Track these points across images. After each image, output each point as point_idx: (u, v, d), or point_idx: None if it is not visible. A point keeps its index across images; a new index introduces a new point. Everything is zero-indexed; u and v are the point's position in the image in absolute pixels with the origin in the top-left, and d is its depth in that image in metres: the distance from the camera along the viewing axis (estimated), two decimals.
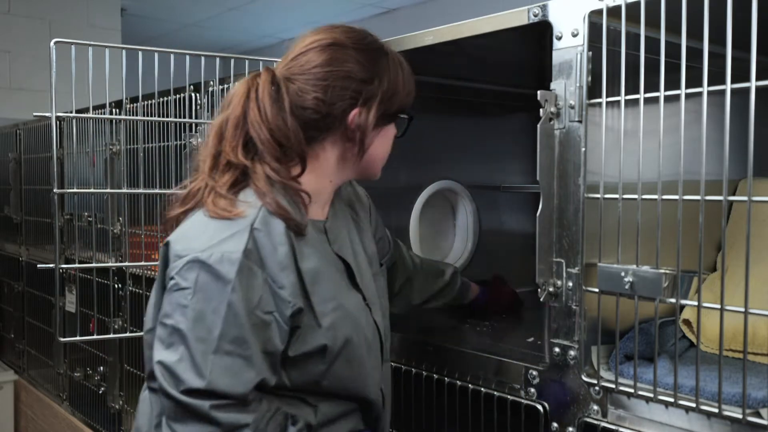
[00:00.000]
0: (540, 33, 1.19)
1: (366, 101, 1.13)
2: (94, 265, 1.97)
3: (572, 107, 1.14)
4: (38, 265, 1.61)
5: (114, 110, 2.30)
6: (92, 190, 2.11)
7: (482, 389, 1.33)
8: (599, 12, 1.09)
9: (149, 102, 2.09)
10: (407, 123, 1.23)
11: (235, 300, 0.99)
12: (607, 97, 1.09)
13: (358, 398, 1.17)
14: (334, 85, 1.11)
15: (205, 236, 1.03)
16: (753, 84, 0.91)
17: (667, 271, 1.02)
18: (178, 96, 1.97)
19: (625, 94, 1.06)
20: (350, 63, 1.12)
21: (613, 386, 1.10)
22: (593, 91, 1.11)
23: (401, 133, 1.24)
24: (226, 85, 1.94)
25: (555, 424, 1.19)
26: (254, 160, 1.09)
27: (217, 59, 1.68)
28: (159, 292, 1.08)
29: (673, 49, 1.00)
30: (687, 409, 1.01)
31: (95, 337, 2.33)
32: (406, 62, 1.20)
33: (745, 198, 0.93)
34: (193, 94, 1.97)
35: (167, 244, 1.06)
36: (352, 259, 1.20)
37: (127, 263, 2.32)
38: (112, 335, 2.22)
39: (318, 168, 1.15)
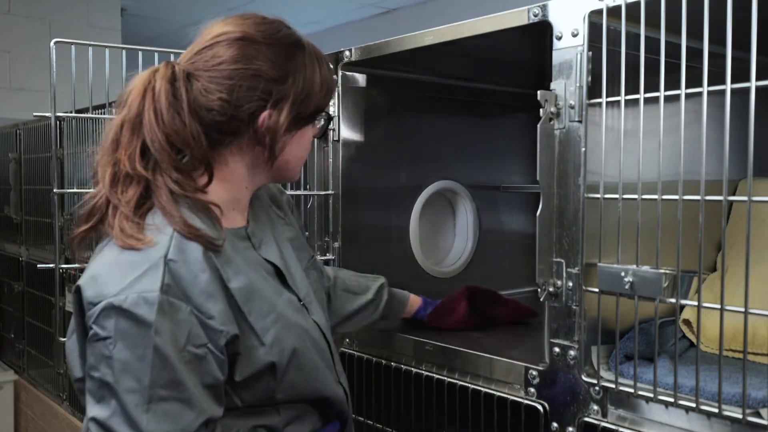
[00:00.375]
0: (540, 33, 1.19)
1: (277, 102, 1.03)
2: None
3: (572, 107, 1.14)
4: (38, 265, 1.61)
5: (114, 110, 2.29)
6: (92, 190, 2.10)
7: (482, 389, 1.33)
8: (599, 12, 1.09)
9: None
10: (326, 123, 1.14)
11: (160, 343, 0.89)
12: (607, 97, 1.09)
13: (316, 399, 1.13)
14: (241, 84, 1.00)
15: (116, 276, 0.92)
16: (753, 84, 0.91)
17: (667, 271, 1.02)
18: None
19: (625, 94, 1.06)
20: (260, 60, 1.02)
21: (613, 386, 1.10)
22: (593, 91, 1.12)
23: (320, 134, 1.15)
24: None
25: (555, 424, 1.20)
26: (155, 171, 0.99)
27: None
28: (80, 338, 0.97)
29: (673, 49, 1.00)
30: (687, 409, 1.01)
31: None
32: (325, 57, 1.11)
33: (745, 198, 0.94)
34: None
35: (78, 290, 0.94)
36: (281, 261, 1.13)
37: None
38: None
39: (229, 175, 1.06)
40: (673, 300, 1.02)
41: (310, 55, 1.07)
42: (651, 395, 1.05)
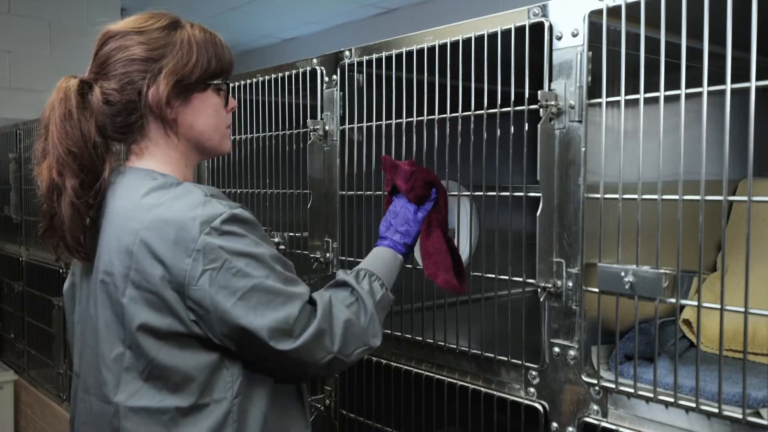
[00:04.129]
0: (540, 33, 1.19)
1: (154, 77, 1.13)
2: None
3: (572, 107, 1.14)
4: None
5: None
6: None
7: (482, 389, 1.33)
8: (599, 12, 1.09)
9: None
10: (225, 93, 1.22)
11: None
12: (607, 97, 1.09)
13: None
14: (123, 71, 1.14)
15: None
16: (753, 84, 0.91)
17: (667, 271, 1.02)
18: None
19: (625, 94, 1.06)
20: (134, 47, 1.15)
21: (613, 386, 1.10)
22: (593, 91, 1.12)
23: (224, 104, 1.22)
24: None
25: (555, 424, 1.20)
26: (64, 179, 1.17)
27: None
28: None
29: (673, 49, 1.00)
30: (687, 409, 1.01)
31: None
32: (210, 34, 1.20)
33: (745, 198, 0.94)
34: None
35: None
36: None
37: None
38: None
39: (162, 156, 1.19)
40: (673, 300, 1.02)
41: (190, 35, 1.18)
42: (651, 395, 1.05)
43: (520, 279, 1.29)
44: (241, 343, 1.06)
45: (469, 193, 1.47)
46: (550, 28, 1.17)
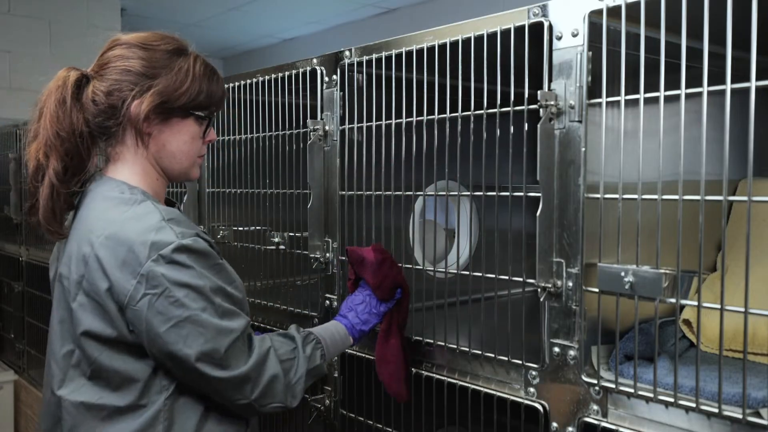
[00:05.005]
0: (540, 33, 1.19)
1: (142, 92, 1.20)
2: None
3: (572, 107, 1.14)
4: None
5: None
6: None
7: (482, 389, 1.33)
8: (599, 12, 1.09)
9: None
10: (206, 125, 1.29)
11: None
12: (607, 97, 1.09)
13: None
14: (116, 78, 1.20)
15: None
16: (753, 84, 0.91)
17: (667, 271, 1.02)
18: None
19: (625, 94, 1.06)
20: (133, 59, 1.21)
21: (613, 386, 1.10)
22: (593, 91, 1.12)
23: (202, 134, 1.29)
24: (227, 85, 1.94)
25: (555, 424, 1.20)
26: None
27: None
28: None
29: (673, 49, 1.00)
30: (687, 409, 1.01)
31: None
32: (210, 70, 1.28)
33: (745, 198, 0.94)
34: None
35: None
36: None
37: None
38: None
39: (129, 164, 1.25)
40: (673, 300, 1.02)
41: (191, 65, 1.25)
42: (651, 395, 1.05)
43: (520, 279, 1.29)
44: (167, 364, 1.13)
45: (469, 193, 1.47)
46: (550, 28, 1.17)
